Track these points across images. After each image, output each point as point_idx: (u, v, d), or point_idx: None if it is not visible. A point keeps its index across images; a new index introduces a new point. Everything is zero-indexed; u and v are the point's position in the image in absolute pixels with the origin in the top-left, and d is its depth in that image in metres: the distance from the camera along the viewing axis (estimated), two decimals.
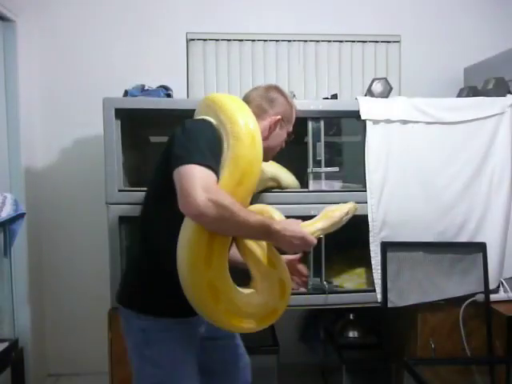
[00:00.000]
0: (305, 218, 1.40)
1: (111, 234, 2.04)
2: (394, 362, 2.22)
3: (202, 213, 1.10)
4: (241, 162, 1.27)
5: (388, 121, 2.12)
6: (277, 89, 1.56)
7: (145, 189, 1.46)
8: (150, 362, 1.35)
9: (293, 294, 1.43)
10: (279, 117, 1.50)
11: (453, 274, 2.16)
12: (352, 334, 2.39)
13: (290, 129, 1.58)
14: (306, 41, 2.72)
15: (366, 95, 2.24)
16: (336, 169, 2.15)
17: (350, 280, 2.22)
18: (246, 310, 1.28)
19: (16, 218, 1.98)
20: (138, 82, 2.23)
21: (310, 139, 2.12)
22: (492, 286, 2.16)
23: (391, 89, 2.24)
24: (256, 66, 2.71)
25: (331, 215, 1.41)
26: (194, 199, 1.09)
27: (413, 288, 2.13)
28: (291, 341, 2.73)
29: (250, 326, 1.29)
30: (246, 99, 1.52)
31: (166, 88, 2.23)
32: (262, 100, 1.51)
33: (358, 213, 1.55)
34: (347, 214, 1.43)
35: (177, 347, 1.36)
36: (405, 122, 2.14)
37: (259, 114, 1.47)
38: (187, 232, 1.20)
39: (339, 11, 2.75)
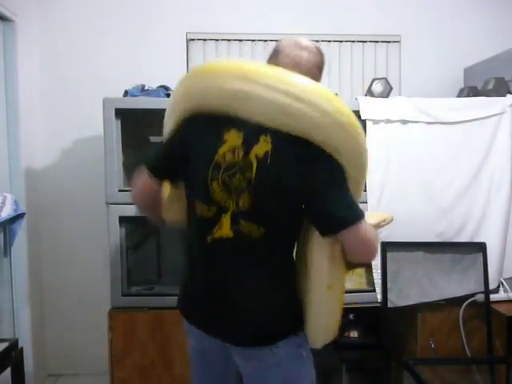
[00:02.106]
0: None
1: (111, 234, 2.04)
2: (394, 361, 2.23)
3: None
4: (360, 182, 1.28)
5: (388, 121, 2.13)
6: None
7: None
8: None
9: None
10: None
11: (453, 273, 2.16)
12: (352, 333, 2.38)
13: None
14: None
15: (366, 95, 2.24)
16: None
17: (350, 280, 2.22)
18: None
19: (16, 217, 1.98)
20: (138, 82, 2.23)
21: None
22: (492, 286, 2.16)
23: (391, 89, 2.24)
24: None
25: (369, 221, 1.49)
26: (377, 253, 1.28)
27: (413, 288, 2.13)
28: None
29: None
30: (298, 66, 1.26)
31: (166, 88, 2.23)
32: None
33: None
34: (384, 221, 1.51)
35: None
36: (405, 121, 2.14)
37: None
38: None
39: (339, 11, 2.74)
